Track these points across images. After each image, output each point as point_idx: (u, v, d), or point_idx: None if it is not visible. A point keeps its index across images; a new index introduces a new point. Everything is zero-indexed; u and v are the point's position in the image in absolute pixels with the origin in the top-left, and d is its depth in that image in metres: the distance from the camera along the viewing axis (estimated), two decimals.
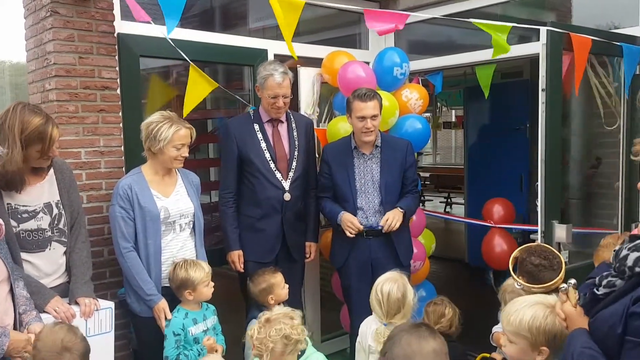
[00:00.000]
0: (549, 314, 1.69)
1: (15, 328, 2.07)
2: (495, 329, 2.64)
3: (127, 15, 3.04)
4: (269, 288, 2.87)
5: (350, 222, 3.09)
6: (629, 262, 1.34)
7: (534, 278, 2.42)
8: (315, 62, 4.00)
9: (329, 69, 3.79)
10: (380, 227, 3.11)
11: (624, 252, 1.38)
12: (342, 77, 3.69)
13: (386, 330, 2.44)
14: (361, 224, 3.12)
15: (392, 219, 3.06)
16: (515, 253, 2.56)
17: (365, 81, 3.60)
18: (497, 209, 4.77)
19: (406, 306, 2.50)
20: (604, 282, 1.42)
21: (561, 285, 1.64)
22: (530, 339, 1.69)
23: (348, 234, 3.09)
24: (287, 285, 2.93)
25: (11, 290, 2.07)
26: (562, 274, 2.44)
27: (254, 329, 2.22)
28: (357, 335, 2.73)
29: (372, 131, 3.11)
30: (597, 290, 1.45)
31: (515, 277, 2.42)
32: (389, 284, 2.51)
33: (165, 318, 2.63)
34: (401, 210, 3.12)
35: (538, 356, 1.67)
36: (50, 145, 2.30)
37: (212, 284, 2.71)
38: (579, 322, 1.50)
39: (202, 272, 2.63)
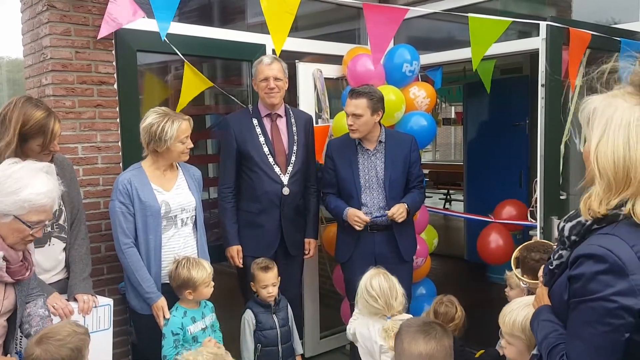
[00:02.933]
0: None
1: (6, 352, 2.01)
2: None
3: None
4: (252, 277, 2.95)
5: (357, 217, 3.08)
6: (566, 232, 1.40)
7: (534, 272, 2.35)
8: (313, 58, 3.99)
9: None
10: (384, 217, 3.11)
11: (561, 224, 1.44)
12: (352, 70, 3.68)
13: (392, 323, 2.41)
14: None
15: (397, 210, 3.05)
16: (515, 253, 2.54)
17: (374, 75, 3.58)
18: (509, 210, 4.63)
19: (399, 295, 2.49)
20: (555, 256, 1.47)
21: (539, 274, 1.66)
22: (524, 340, 1.69)
23: (357, 228, 3.08)
24: (271, 285, 2.92)
25: (9, 319, 2.01)
26: None
27: None
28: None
29: (354, 129, 3.10)
30: (551, 265, 1.49)
31: (520, 276, 2.42)
32: (375, 277, 2.51)
33: (164, 317, 2.62)
34: (407, 207, 3.11)
35: None
36: (51, 140, 2.29)
37: (213, 284, 2.69)
38: (543, 300, 1.54)
39: (204, 273, 2.61)
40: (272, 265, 2.96)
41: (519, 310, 1.74)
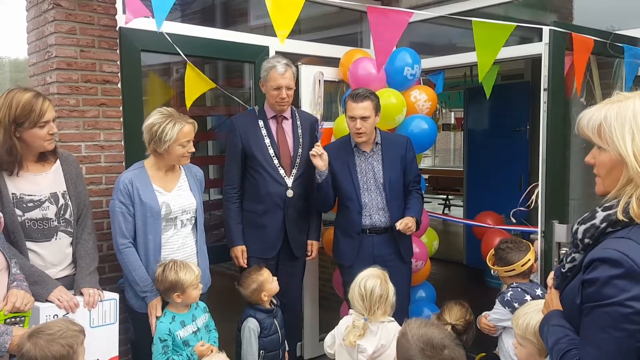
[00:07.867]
0: None
1: None
2: (485, 313, 2.80)
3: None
4: (259, 287, 2.87)
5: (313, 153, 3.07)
6: (579, 235, 1.39)
7: (504, 261, 2.72)
8: (315, 60, 4.01)
9: (346, 68, 3.80)
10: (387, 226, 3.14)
11: (575, 226, 1.42)
12: (353, 73, 3.69)
13: (366, 324, 2.43)
14: (364, 223, 3.15)
15: (406, 224, 3.05)
16: (490, 252, 2.85)
17: (375, 78, 3.59)
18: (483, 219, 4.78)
19: (387, 301, 2.49)
20: (568, 258, 1.45)
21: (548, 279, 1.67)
22: (536, 345, 1.68)
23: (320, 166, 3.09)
24: (275, 278, 2.94)
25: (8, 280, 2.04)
26: (530, 255, 2.63)
27: None
28: None
29: (362, 132, 3.09)
30: (563, 268, 1.47)
31: (491, 266, 2.74)
32: (372, 279, 2.50)
33: (156, 315, 2.61)
34: (415, 220, 3.13)
35: None
36: (40, 116, 2.27)
37: (201, 285, 2.66)
38: (553, 304, 1.52)
39: (192, 275, 2.56)
40: (262, 266, 2.97)
41: (533, 314, 1.74)
